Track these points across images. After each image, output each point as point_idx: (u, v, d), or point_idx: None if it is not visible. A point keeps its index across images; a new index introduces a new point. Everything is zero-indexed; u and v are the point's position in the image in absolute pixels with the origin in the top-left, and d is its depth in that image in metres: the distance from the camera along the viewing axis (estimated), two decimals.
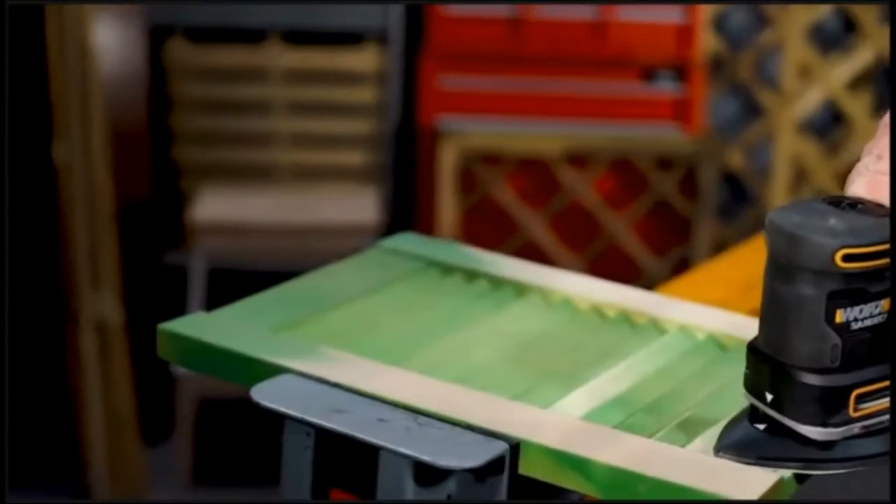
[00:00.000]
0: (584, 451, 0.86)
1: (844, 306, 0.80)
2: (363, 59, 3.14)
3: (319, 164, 3.17)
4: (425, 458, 0.84)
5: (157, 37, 3.08)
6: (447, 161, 3.08)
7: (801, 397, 0.82)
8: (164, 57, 3.12)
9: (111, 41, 2.84)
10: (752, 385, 0.85)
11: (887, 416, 0.83)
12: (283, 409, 0.91)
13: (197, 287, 2.80)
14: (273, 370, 0.99)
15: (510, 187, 3.18)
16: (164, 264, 3.03)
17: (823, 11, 3.33)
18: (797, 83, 3.30)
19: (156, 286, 2.95)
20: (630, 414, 0.93)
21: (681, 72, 3.15)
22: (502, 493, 0.87)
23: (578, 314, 1.13)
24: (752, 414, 0.86)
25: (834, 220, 0.80)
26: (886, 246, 0.79)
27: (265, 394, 0.94)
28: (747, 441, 0.86)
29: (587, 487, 0.85)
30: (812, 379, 0.81)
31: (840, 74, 3.30)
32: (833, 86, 3.30)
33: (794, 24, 3.28)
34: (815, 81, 3.31)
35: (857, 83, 3.35)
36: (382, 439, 0.86)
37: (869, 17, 3.30)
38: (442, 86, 3.11)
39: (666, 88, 3.14)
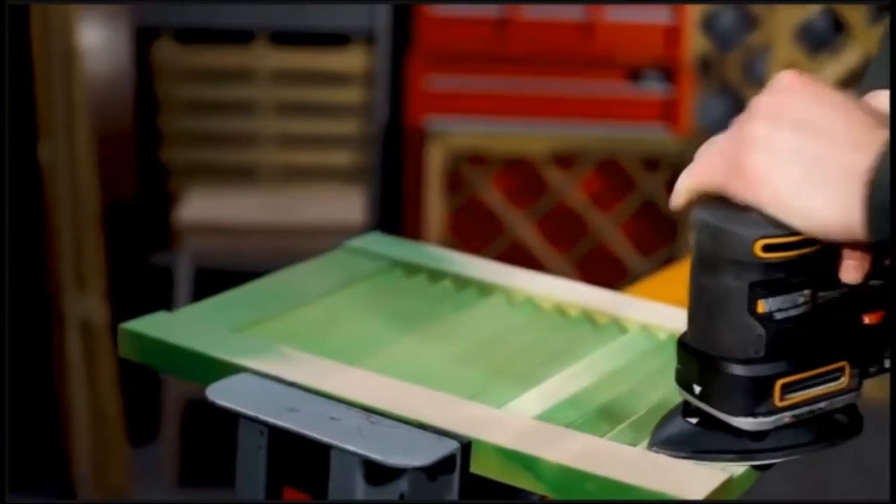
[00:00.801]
0: (534, 451, 0.86)
1: (766, 296, 0.81)
2: (350, 60, 3.14)
3: (307, 164, 3.17)
4: (374, 456, 0.84)
5: (143, 38, 3.08)
6: (434, 161, 3.08)
7: (727, 388, 0.83)
8: (152, 58, 3.12)
9: (97, 42, 2.84)
10: (682, 379, 0.86)
11: (820, 405, 0.84)
12: (236, 407, 0.92)
13: (183, 288, 2.80)
14: (231, 369, 0.99)
15: (497, 188, 3.18)
16: (150, 265, 3.04)
17: (811, 11, 3.33)
18: None
19: (142, 287, 2.95)
20: (584, 413, 0.93)
21: (668, 72, 3.15)
22: (454, 493, 0.87)
23: (541, 314, 1.13)
24: (685, 408, 0.87)
25: (755, 213, 0.81)
26: (803, 237, 0.80)
27: (220, 393, 0.94)
28: (680, 436, 0.87)
29: (537, 486, 0.85)
30: (737, 369, 0.83)
31: (828, 75, 3.31)
32: None
33: (782, 25, 3.28)
34: None
35: (845, 84, 3.35)
36: (333, 437, 0.87)
37: (857, 17, 3.30)
38: (429, 86, 3.11)
39: (653, 89, 3.14)
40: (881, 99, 0.88)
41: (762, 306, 0.81)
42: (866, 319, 0.87)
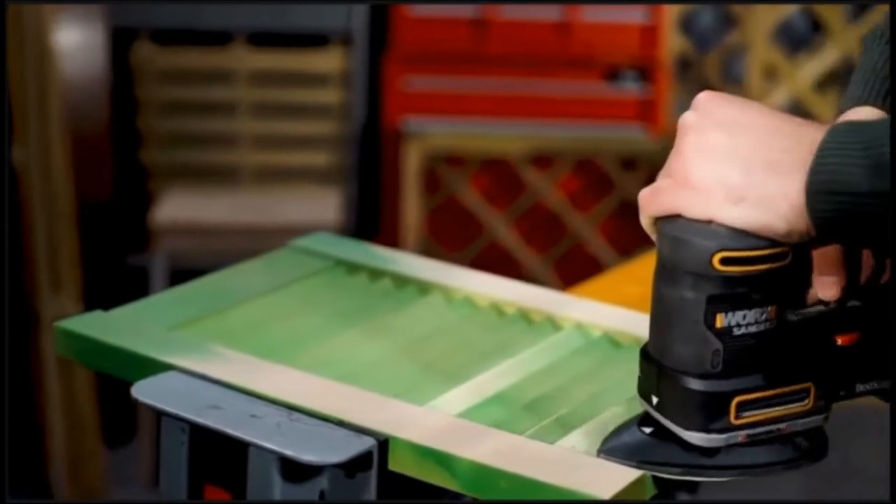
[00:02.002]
0: (449, 448, 0.86)
1: (725, 311, 0.79)
2: (328, 61, 3.15)
3: (285, 165, 3.18)
4: (288, 453, 0.85)
5: (121, 39, 3.08)
6: (411, 162, 3.08)
7: (682, 401, 0.82)
8: (130, 59, 3.13)
9: (73, 43, 2.84)
10: (642, 388, 0.85)
11: (779, 426, 0.82)
12: (158, 405, 0.92)
13: (158, 288, 2.80)
14: (162, 368, 0.99)
15: (474, 188, 3.18)
16: (127, 266, 3.04)
17: (790, 11, 3.34)
18: (763, 83, 3.30)
19: (118, 288, 2.96)
20: (507, 411, 0.94)
21: (645, 72, 3.15)
22: (371, 489, 0.87)
23: (477, 312, 1.13)
24: (644, 417, 0.85)
25: (716, 225, 0.79)
26: (766, 251, 0.78)
27: (145, 390, 0.95)
28: (631, 444, 0.85)
29: (452, 483, 0.86)
30: (693, 383, 0.81)
31: (806, 74, 3.31)
32: (799, 86, 3.31)
33: (760, 25, 3.28)
34: (782, 82, 3.31)
35: (823, 83, 3.35)
36: (250, 435, 0.87)
37: (835, 16, 3.30)
38: (407, 87, 3.11)
39: (630, 89, 3.14)
40: (859, 115, 0.89)
41: (720, 320, 0.79)
42: (839, 341, 0.84)
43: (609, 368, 1.02)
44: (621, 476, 0.82)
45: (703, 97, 0.82)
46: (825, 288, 0.82)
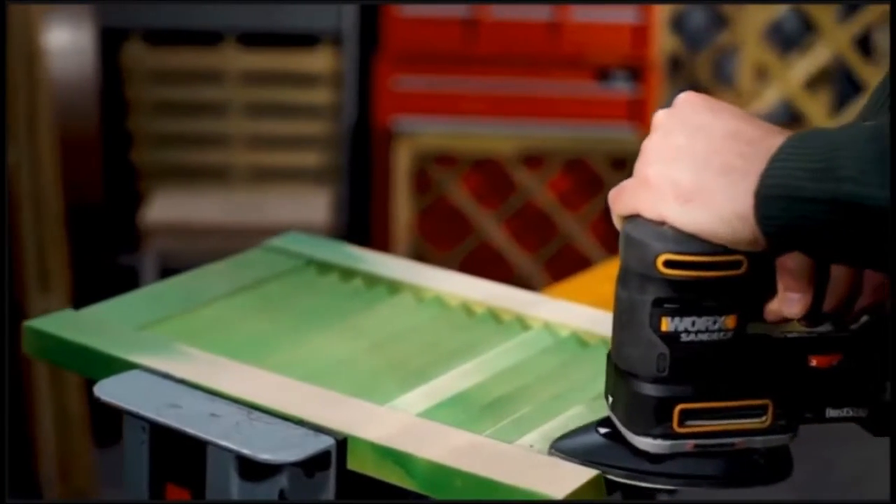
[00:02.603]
0: (406, 447, 0.86)
1: (671, 315, 0.78)
2: (319, 61, 3.15)
3: (275, 165, 3.18)
4: (245, 451, 0.85)
5: (110, 39, 3.09)
6: (402, 162, 3.08)
7: (628, 404, 0.81)
8: (120, 59, 3.13)
9: (62, 44, 2.84)
10: (605, 388, 0.84)
11: (731, 440, 0.80)
12: (119, 403, 0.92)
13: None
14: (129, 367, 0.99)
15: (465, 188, 3.18)
16: (116, 265, 3.04)
17: (781, 11, 3.34)
18: (754, 83, 3.30)
19: (108, 288, 2.96)
20: (469, 410, 0.94)
21: (636, 72, 3.15)
22: (330, 488, 0.88)
23: (446, 311, 1.13)
24: (605, 418, 0.85)
25: (668, 227, 0.77)
26: (713, 258, 0.77)
27: (107, 389, 0.95)
28: (584, 444, 0.85)
29: (409, 483, 0.86)
30: (637, 386, 0.80)
31: (797, 74, 3.31)
32: (791, 85, 3.31)
33: (751, 25, 3.28)
34: (773, 81, 3.31)
35: (814, 82, 3.35)
36: (208, 433, 0.87)
37: (826, 16, 3.30)
38: (397, 87, 3.11)
39: (621, 88, 3.14)
40: None
41: (666, 324, 0.78)
42: (814, 362, 0.82)
43: (574, 368, 1.02)
44: (576, 476, 0.82)
45: (681, 98, 0.82)
46: (789, 304, 0.79)
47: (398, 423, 0.90)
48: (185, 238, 2.87)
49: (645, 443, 0.80)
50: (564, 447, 0.86)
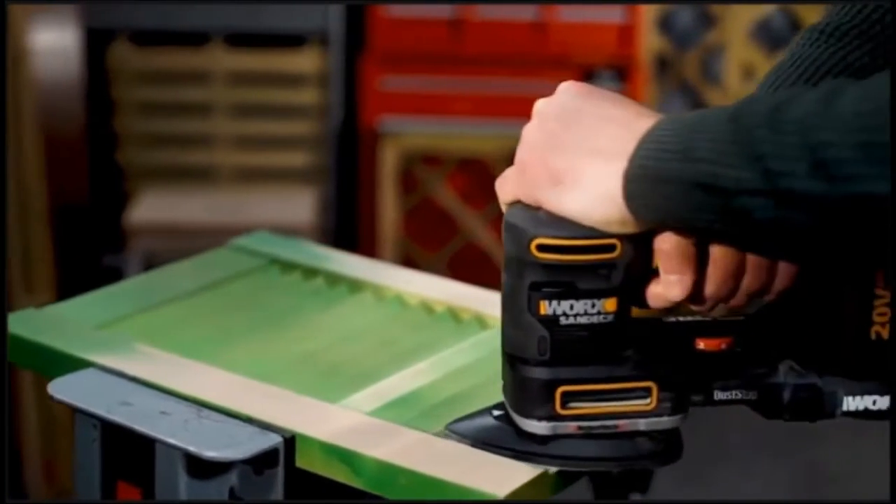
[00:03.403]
0: (354, 446, 0.87)
1: (549, 299, 0.79)
2: (305, 61, 3.15)
3: (262, 165, 3.18)
4: (191, 449, 0.85)
5: (97, 40, 3.09)
6: (388, 162, 3.09)
7: (513, 386, 0.83)
8: (107, 60, 3.13)
9: (47, 45, 2.84)
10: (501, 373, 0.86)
11: (615, 422, 0.82)
12: (71, 401, 0.93)
13: None
14: (84, 366, 1.00)
15: (451, 188, 3.19)
16: (101, 266, 3.04)
17: (769, 10, 3.34)
18: (742, 82, 3.31)
19: (92, 288, 2.96)
20: (419, 409, 0.94)
21: (622, 72, 3.15)
22: (278, 486, 0.88)
23: (406, 310, 1.13)
24: (499, 402, 0.86)
25: (543, 212, 0.79)
26: (586, 242, 0.78)
27: (61, 387, 0.95)
28: (477, 426, 0.86)
29: (356, 481, 0.86)
30: (520, 369, 0.81)
31: None
32: None
33: (738, 24, 3.28)
34: (760, 80, 3.31)
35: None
36: (156, 431, 0.87)
37: (813, 15, 3.30)
38: (383, 87, 3.11)
39: (607, 88, 3.14)
40: None
41: (544, 307, 0.79)
42: (701, 345, 0.83)
43: None
44: (519, 475, 0.83)
45: (562, 87, 0.83)
46: (669, 287, 0.79)
47: (347, 422, 0.90)
48: (170, 238, 2.88)
49: (529, 424, 0.82)
50: (458, 429, 0.87)
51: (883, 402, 0.84)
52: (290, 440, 0.88)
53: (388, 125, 3.10)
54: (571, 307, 0.79)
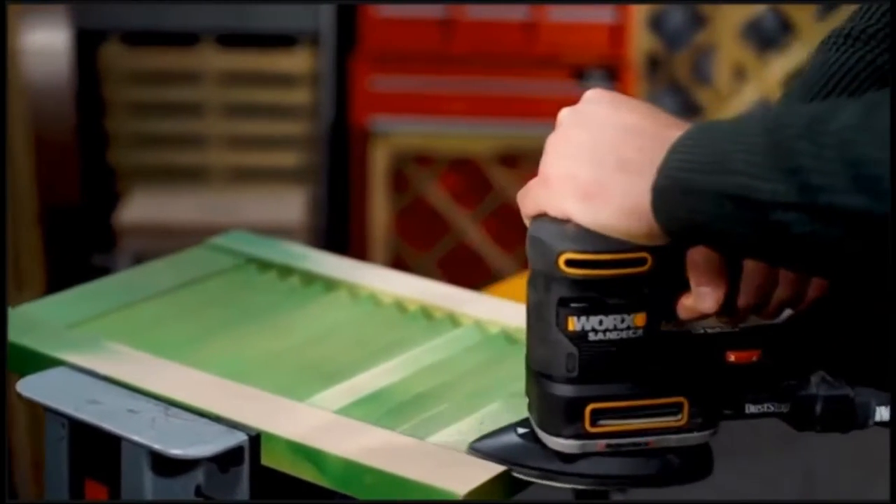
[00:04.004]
0: (320, 444, 0.87)
1: (577, 314, 0.77)
2: (296, 61, 3.15)
3: (253, 165, 3.18)
4: (156, 446, 0.85)
5: (88, 41, 3.09)
6: (378, 162, 3.09)
7: (539, 404, 0.81)
8: (98, 60, 3.13)
9: (37, 46, 2.85)
10: (526, 389, 0.84)
11: (645, 439, 0.80)
12: (40, 400, 0.93)
13: None
14: (55, 364, 1.00)
15: (442, 188, 3.19)
16: (91, 266, 3.04)
17: (759, 10, 3.34)
18: (733, 82, 3.31)
19: None
20: (388, 407, 0.94)
21: (613, 71, 3.15)
22: (244, 484, 0.88)
23: (379, 309, 1.14)
24: (524, 419, 0.84)
25: (571, 225, 0.77)
26: (615, 256, 0.76)
27: (30, 386, 0.95)
28: (502, 443, 0.85)
29: (322, 480, 0.86)
30: (547, 386, 0.79)
31: (775, 73, 3.31)
32: (768, 84, 3.31)
33: (729, 24, 3.28)
34: (751, 80, 3.32)
35: (792, 81, 3.35)
36: (122, 429, 0.88)
37: (804, 15, 3.30)
38: (374, 87, 3.12)
39: (598, 88, 3.14)
40: None
41: (573, 323, 0.77)
42: (732, 357, 0.82)
43: (498, 365, 1.02)
44: (480, 473, 0.83)
45: (587, 95, 0.81)
46: (701, 299, 0.78)
47: (314, 420, 0.90)
48: (160, 238, 2.88)
49: (557, 443, 0.80)
50: (483, 447, 0.86)
51: None
52: (256, 438, 0.88)
53: (379, 125, 3.10)
54: (601, 322, 0.78)
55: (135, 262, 2.85)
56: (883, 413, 0.82)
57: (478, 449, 0.86)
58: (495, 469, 0.83)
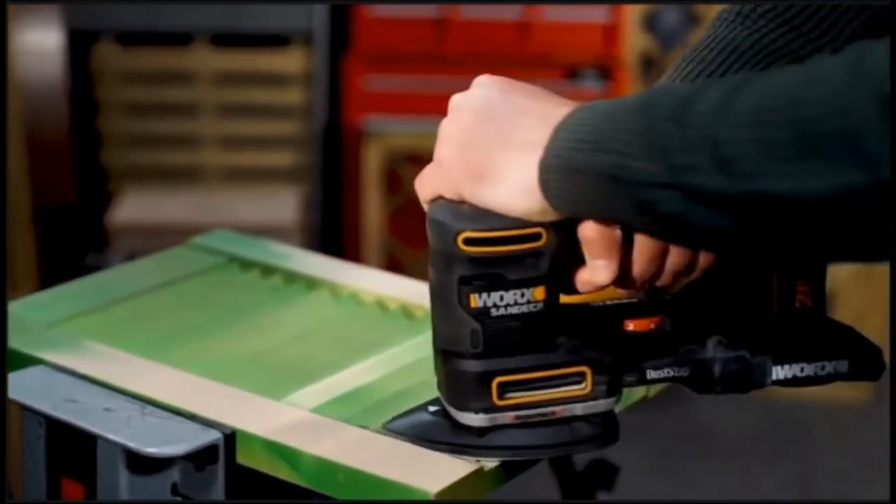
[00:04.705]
0: (294, 443, 0.87)
1: (479, 291, 0.79)
2: (289, 61, 3.15)
3: (247, 165, 3.18)
4: (131, 445, 0.86)
5: (82, 41, 3.09)
6: (371, 161, 3.09)
7: (449, 381, 0.83)
8: (91, 61, 3.13)
9: (29, 46, 2.85)
10: (434, 367, 0.86)
11: (552, 409, 0.82)
12: (18, 398, 0.93)
13: None
14: (35, 363, 1.00)
15: None
16: (84, 266, 3.04)
17: None
18: None
19: None
20: (364, 405, 0.94)
21: (606, 70, 3.15)
22: (220, 482, 0.88)
23: (361, 308, 1.14)
24: (435, 398, 0.87)
25: (468, 205, 0.80)
26: (511, 232, 0.78)
27: (8, 385, 0.95)
28: (414, 422, 0.87)
29: (296, 478, 0.87)
30: (455, 363, 0.82)
31: None
32: None
33: None
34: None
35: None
36: (98, 428, 0.88)
37: None
38: (368, 86, 3.12)
39: (591, 87, 3.15)
40: None
41: (475, 301, 0.79)
42: (630, 326, 0.84)
43: None
44: (454, 471, 0.83)
45: (478, 80, 0.83)
46: (596, 272, 0.80)
47: (290, 419, 0.90)
48: (153, 238, 2.87)
49: (467, 418, 0.82)
50: (396, 427, 0.88)
51: (810, 370, 0.85)
52: (231, 436, 0.88)
53: (373, 125, 3.11)
54: (501, 298, 0.80)
55: (129, 261, 2.85)
56: (779, 372, 0.85)
57: (391, 428, 0.88)
58: (468, 467, 0.83)
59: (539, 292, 0.80)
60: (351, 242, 3.15)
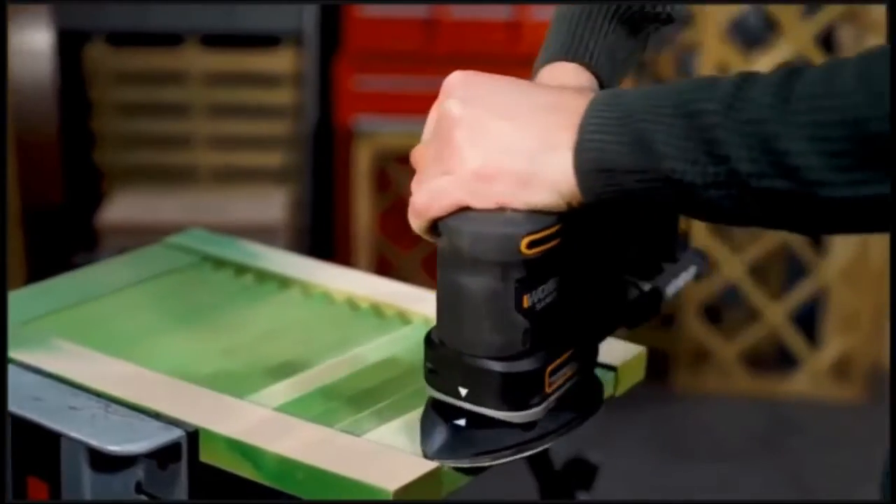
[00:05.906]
0: (256, 441, 0.87)
1: (529, 290, 0.80)
2: (280, 61, 3.16)
3: (238, 165, 3.19)
4: (93, 443, 0.86)
5: (70, 42, 3.10)
6: (362, 161, 3.09)
7: (499, 386, 0.82)
8: (83, 61, 3.14)
9: (19, 47, 2.85)
10: (444, 383, 0.83)
11: (572, 381, 0.85)
12: None
13: None
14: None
15: None
16: (73, 266, 3.05)
17: (743, 9, 3.34)
18: None
19: None
20: (329, 403, 0.95)
21: None
22: (183, 481, 0.89)
23: (331, 306, 1.14)
24: (447, 410, 0.85)
25: (510, 213, 0.79)
26: (559, 227, 0.79)
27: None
28: (455, 440, 0.85)
29: (258, 476, 0.87)
30: (508, 367, 0.81)
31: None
32: None
33: (713, 23, 3.29)
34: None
35: None
36: (62, 426, 0.88)
37: (788, 14, 3.31)
38: (358, 86, 3.12)
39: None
40: (559, 71, 0.89)
41: (526, 301, 0.80)
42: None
43: None
44: (413, 469, 0.83)
45: (453, 79, 0.85)
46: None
47: (253, 417, 0.91)
48: (142, 237, 2.87)
49: (524, 415, 0.83)
50: (440, 452, 0.85)
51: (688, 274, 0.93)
52: (194, 434, 0.88)
53: (363, 125, 3.11)
54: (542, 292, 0.81)
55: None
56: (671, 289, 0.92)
57: (438, 455, 0.85)
58: (427, 465, 0.84)
59: (559, 278, 0.83)
60: (341, 242, 3.16)
